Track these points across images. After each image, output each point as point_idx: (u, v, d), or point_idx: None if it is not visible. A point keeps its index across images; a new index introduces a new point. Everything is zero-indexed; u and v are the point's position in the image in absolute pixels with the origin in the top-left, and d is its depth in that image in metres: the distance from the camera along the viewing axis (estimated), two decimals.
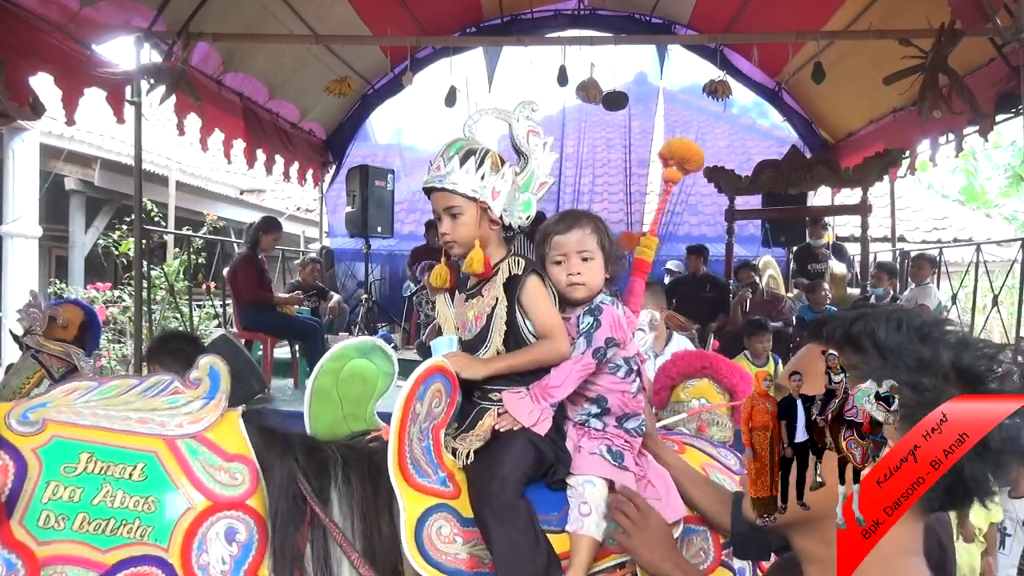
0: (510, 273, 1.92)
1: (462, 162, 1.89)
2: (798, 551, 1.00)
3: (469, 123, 2.02)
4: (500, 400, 1.89)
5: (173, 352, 2.95)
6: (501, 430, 1.84)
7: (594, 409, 1.94)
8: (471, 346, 1.97)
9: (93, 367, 2.91)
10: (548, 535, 1.81)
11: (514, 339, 1.92)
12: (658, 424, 2.40)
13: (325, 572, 1.58)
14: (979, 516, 3.82)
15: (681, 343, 4.14)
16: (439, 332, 2.12)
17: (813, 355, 0.99)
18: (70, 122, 4.77)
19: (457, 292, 2.05)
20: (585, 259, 1.95)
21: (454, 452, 1.84)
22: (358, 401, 1.98)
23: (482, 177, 1.90)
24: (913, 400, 0.88)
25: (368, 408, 2.05)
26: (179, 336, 3.33)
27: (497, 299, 1.92)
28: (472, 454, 1.82)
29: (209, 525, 1.49)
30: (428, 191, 1.96)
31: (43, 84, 4.58)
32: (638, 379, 1.97)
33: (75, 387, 1.51)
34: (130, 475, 1.46)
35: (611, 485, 1.86)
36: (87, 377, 1.78)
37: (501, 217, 1.94)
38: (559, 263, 1.97)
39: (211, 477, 1.52)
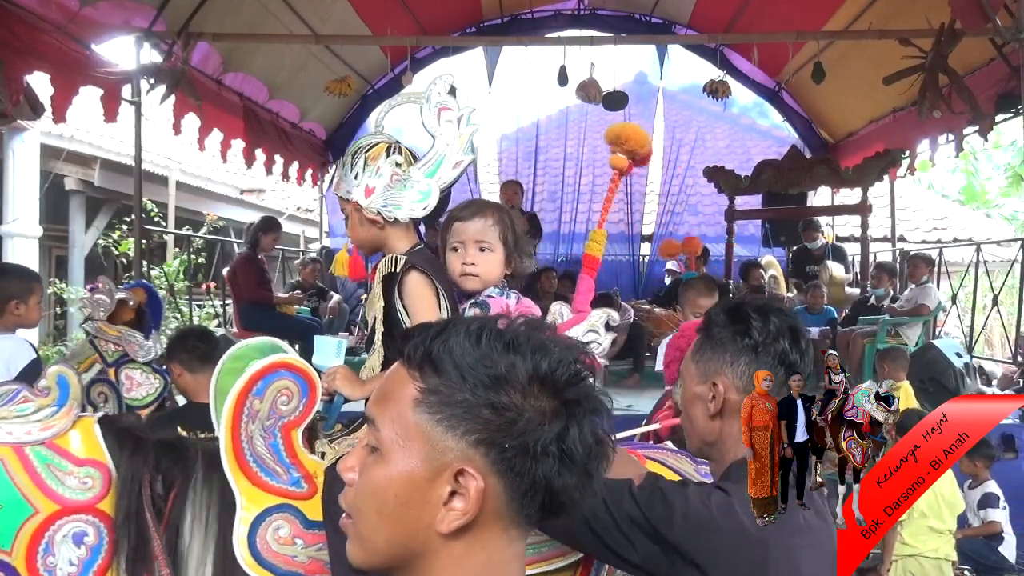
0: (386, 271, 1.81)
1: (345, 163, 1.82)
2: None
3: (379, 114, 1.91)
4: None
5: (190, 349, 3.07)
6: None
7: None
8: (369, 344, 1.91)
9: (154, 345, 2.91)
10: None
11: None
12: (640, 430, 2.34)
13: (174, 571, 1.59)
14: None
15: None
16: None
17: (400, 377, 0.86)
18: (59, 120, 4.73)
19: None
20: (482, 249, 1.87)
21: (323, 455, 1.75)
22: None
23: (355, 176, 1.79)
24: (495, 423, 0.80)
25: None
26: (195, 333, 3.39)
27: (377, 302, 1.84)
28: (335, 457, 1.72)
29: (56, 529, 1.51)
30: None
31: (44, 84, 4.57)
32: None
33: None
34: None
35: None
36: None
37: (380, 214, 1.80)
38: (456, 250, 1.89)
39: (60, 483, 1.54)
